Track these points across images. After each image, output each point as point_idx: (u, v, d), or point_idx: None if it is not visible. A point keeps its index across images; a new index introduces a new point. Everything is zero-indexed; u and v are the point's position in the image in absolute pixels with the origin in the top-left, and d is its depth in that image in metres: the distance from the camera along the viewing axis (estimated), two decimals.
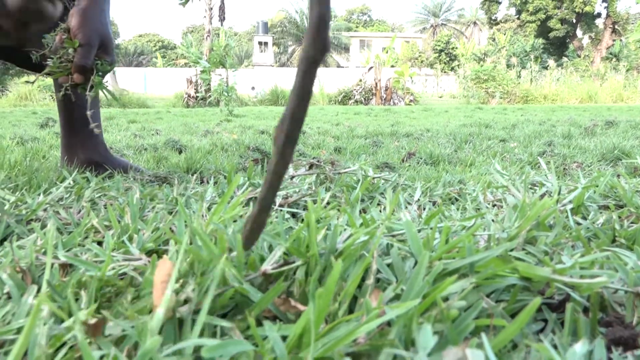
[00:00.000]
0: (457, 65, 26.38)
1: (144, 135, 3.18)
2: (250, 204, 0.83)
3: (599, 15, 29.73)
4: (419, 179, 1.30)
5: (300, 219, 0.88)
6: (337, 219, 0.70)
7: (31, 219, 0.86)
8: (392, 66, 19.15)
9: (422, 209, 1.03)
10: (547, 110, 8.34)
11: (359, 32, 42.58)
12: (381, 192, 1.12)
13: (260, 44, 33.37)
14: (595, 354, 0.39)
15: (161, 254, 0.61)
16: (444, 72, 26.16)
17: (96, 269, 0.54)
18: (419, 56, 30.36)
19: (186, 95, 13.23)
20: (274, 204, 0.86)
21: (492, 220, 0.76)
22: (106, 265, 0.55)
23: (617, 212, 0.85)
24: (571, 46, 28.68)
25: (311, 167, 1.00)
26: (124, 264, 0.59)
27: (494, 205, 1.04)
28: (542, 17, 28.47)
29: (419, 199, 1.08)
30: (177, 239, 0.52)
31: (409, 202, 1.07)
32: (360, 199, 1.00)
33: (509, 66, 18.51)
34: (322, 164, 0.97)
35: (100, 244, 0.76)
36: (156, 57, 35.24)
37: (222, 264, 0.47)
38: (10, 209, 0.87)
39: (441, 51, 30.53)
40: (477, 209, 1.01)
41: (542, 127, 3.61)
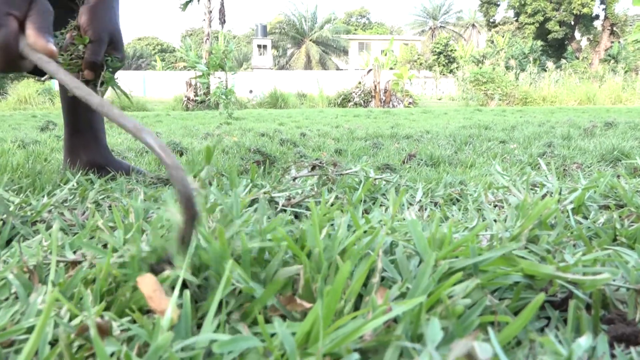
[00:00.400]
0: (456, 67, 26.43)
1: None
2: (254, 205, 0.84)
3: (597, 17, 29.81)
4: (420, 180, 1.30)
5: (304, 220, 0.89)
6: (341, 219, 0.71)
7: (36, 221, 0.86)
8: (391, 68, 19.19)
9: (424, 209, 1.04)
10: (546, 111, 8.36)
11: (357, 34, 42.67)
12: (383, 193, 1.13)
13: (259, 47, 33.42)
14: (598, 350, 0.40)
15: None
16: (443, 74, 26.19)
17: (104, 254, 0.54)
18: (418, 58, 30.42)
19: (185, 98, 13.24)
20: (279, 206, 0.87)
21: (495, 220, 0.76)
22: (109, 253, 0.55)
23: (617, 212, 0.86)
24: (569, 48, 28.74)
25: (313, 168, 1.01)
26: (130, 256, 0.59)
27: (495, 205, 1.04)
28: (541, 19, 28.55)
29: (420, 200, 1.08)
30: (201, 231, 0.53)
31: (411, 203, 1.07)
32: (362, 200, 1.01)
33: (507, 68, 18.55)
34: (324, 165, 0.98)
35: (105, 247, 0.77)
36: (155, 61, 35.28)
37: (229, 265, 0.48)
38: (15, 210, 0.87)
39: (440, 53, 30.59)
40: (478, 210, 1.02)
41: (542, 129, 3.62)
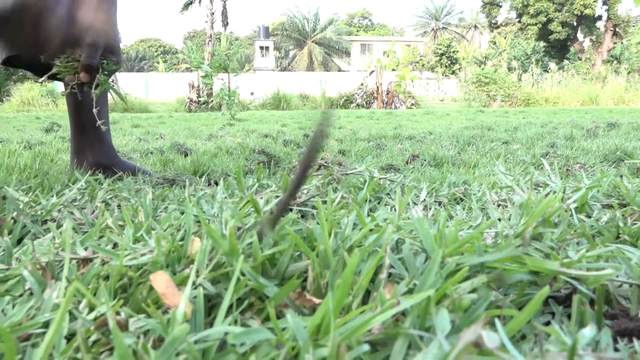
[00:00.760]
0: (458, 68, 26.42)
1: (148, 139, 3.21)
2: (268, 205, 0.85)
3: (600, 17, 29.77)
4: (424, 180, 1.31)
5: (310, 219, 0.90)
6: (347, 218, 0.72)
7: (46, 219, 0.87)
8: (393, 70, 19.21)
9: (428, 208, 1.05)
10: (549, 112, 8.35)
11: (360, 36, 42.68)
12: (387, 193, 1.14)
13: (261, 48, 33.46)
14: (602, 342, 0.41)
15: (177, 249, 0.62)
16: (445, 75, 26.19)
17: (117, 257, 0.55)
18: (420, 60, 30.42)
19: (188, 99, 13.27)
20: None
21: (499, 218, 0.77)
22: (122, 255, 0.57)
23: (620, 211, 0.87)
24: (572, 49, 28.71)
25: (319, 168, 1.02)
26: (141, 255, 0.60)
27: (498, 205, 1.05)
28: (543, 19, 28.53)
29: (424, 199, 1.09)
30: (211, 230, 0.54)
31: (415, 202, 1.08)
32: (367, 200, 1.02)
33: (510, 69, 18.54)
34: (329, 165, 0.99)
35: (114, 246, 0.78)
36: (158, 62, 35.36)
37: (240, 264, 0.49)
38: (25, 209, 0.89)
39: (442, 55, 30.58)
40: (482, 209, 1.03)
41: (544, 129, 3.62)
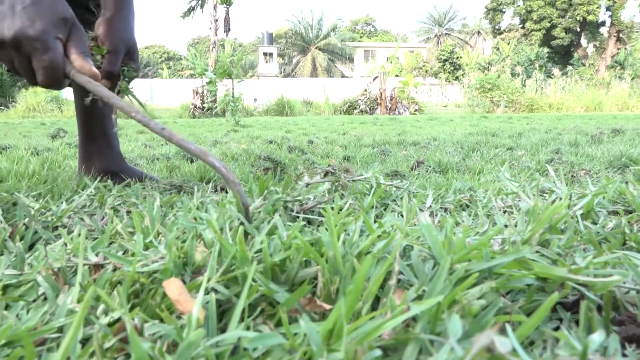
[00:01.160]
0: (462, 74, 26.45)
1: (154, 145, 3.23)
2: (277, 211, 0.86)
3: (603, 23, 29.81)
4: (429, 187, 1.32)
5: (317, 225, 0.91)
6: (355, 224, 0.72)
7: (57, 226, 0.88)
8: (396, 76, 19.25)
9: (434, 215, 1.06)
10: (553, 118, 8.35)
11: (363, 42, 42.83)
12: (393, 199, 1.15)
13: (265, 54, 33.62)
14: (610, 348, 0.41)
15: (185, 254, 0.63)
16: (449, 81, 26.21)
17: (129, 264, 0.56)
18: (424, 66, 30.48)
19: (192, 106, 13.34)
20: (293, 211, 0.89)
21: (505, 225, 0.78)
22: (134, 262, 0.58)
23: (626, 217, 0.87)
24: (576, 55, 28.72)
25: (326, 174, 1.03)
26: (152, 261, 0.61)
27: (504, 211, 1.06)
28: (547, 25, 28.59)
29: (430, 206, 1.10)
30: (221, 238, 0.54)
31: (421, 209, 1.09)
32: (373, 206, 1.03)
33: (513, 75, 18.55)
34: (336, 171, 1.00)
35: (125, 252, 0.79)
36: (162, 69, 35.56)
37: (253, 270, 0.50)
38: (36, 216, 0.90)
39: (445, 61, 30.64)
40: (488, 215, 1.03)
41: (549, 136, 3.62)
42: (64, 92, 15.52)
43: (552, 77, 17.37)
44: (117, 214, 0.97)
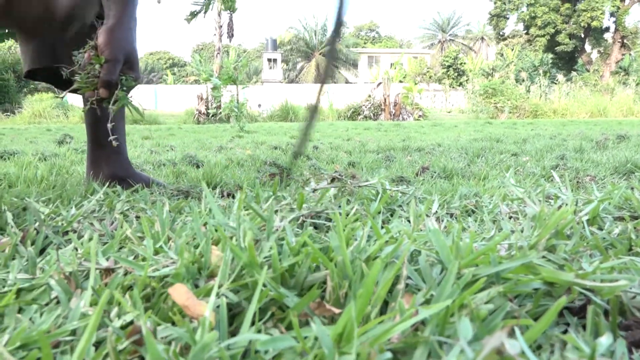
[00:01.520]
0: (466, 80, 26.48)
1: (159, 151, 3.24)
2: (278, 214, 0.87)
3: (608, 29, 29.80)
4: (435, 192, 1.33)
5: (324, 230, 0.91)
6: (363, 230, 0.73)
7: (67, 230, 0.89)
8: (400, 82, 19.28)
9: (440, 220, 1.06)
10: (557, 124, 8.34)
11: (367, 48, 42.93)
12: (399, 205, 1.15)
13: (269, 60, 33.75)
14: (617, 352, 0.41)
15: (197, 259, 0.64)
16: (452, 87, 26.24)
17: (141, 268, 0.57)
18: (427, 72, 30.52)
19: (197, 111, 13.39)
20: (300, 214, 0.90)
21: (512, 230, 0.78)
22: (146, 266, 0.59)
23: (632, 223, 0.87)
24: (580, 60, 28.69)
25: (333, 180, 1.04)
26: (162, 266, 0.62)
27: (510, 217, 1.06)
28: (551, 31, 28.60)
29: (436, 211, 1.11)
30: (231, 243, 0.55)
31: (427, 214, 1.09)
32: (380, 212, 1.04)
33: (517, 81, 18.56)
34: (343, 177, 1.01)
35: (135, 257, 0.80)
36: (166, 75, 35.73)
37: (264, 275, 0.50)
38: (46, 220, 0.91)
39: (449, 67, 30.68)
40: (494, 221, 1.04)
41: (553, 141, 3.62)
42: (70, 98, 15.62)
43: (556, 83, 17.35)
44: (126, 219, 0.98)
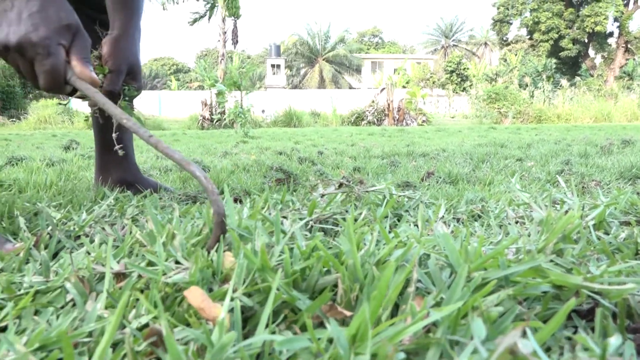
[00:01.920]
0: (469, 85, 26.49)
1: (165, 156, 3.26)
2: (288, 220, 0.88)
3: (611, 34, 29.78)
4: (441, 197, 1.34)
5: (332, 235, 0.92)
6: (372, 234, 0.74)
7: (79, 235, 0.91)
8: (403, 87, 19.32)
9: (447, 225, 1.07)
10: (562, 129, 8.33)
11: (370, 53, 43.04)
12: (406, 210, 1.16)
13: (272, 66, 33.87)
14: (626, 353, 0.42)
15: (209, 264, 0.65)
16: (456, 92, 26.26)
17: (154, 274, 0.58)
18: (431, 77, 30.55)
19: (201, 117, 13.44)
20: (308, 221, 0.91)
21: (519, 235, 0.79)
22: (160, 272, 0.60)
23: (638, 228, 0.88)
24: (584, 65, 28.68)
25: (340, 186, 1.05)
26: (175, 271, 0.63)
27: (516, 222, 1.07)
28: (555, 36, 28.60)
29: (443, 216, 1.11)
30: (245, 249, 0.56)
31: (434, 220, 1.10)
32: (387, 217, 1.05)
33: (521, 86, 18.56)
34: (350, 183, 1.02)
35: (149, 264, 0.81)
36: (171, 80, 35.90)
37: (277, 279, 0.51)
38: (59, 225, 0.92)
39: (452, 72, 30.71)
40: (500, 226, 1.05)
41: (558, 147, 3.62)
42: (75, 104, 15.73)
43: (560, 88, 17.35)
44: (136, 224, 0.99)
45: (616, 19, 28.38)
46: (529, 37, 31.38)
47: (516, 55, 27.47)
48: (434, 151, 3.41)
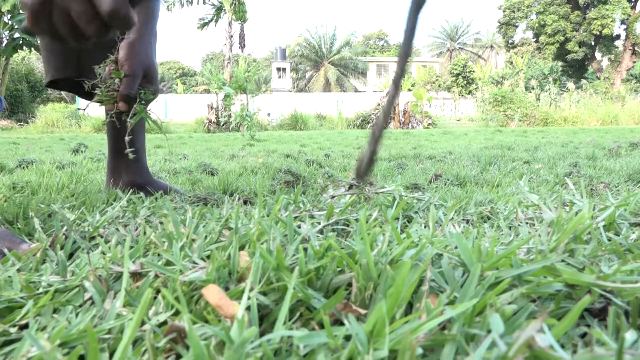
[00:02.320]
0: (475, 88, 26.45)
1: (173, 159, 3.28)
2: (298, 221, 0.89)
3: (618, 37, 29.65)
4: (450, 199, 1.34)
5: (343, 236, 0.93)
6: (384, 235, 0.75)
7: (93, 236, 0.92)
8: (409, 90, 19.31)
9: (457, 226, 1.07)
10: (569, 132, 8.31)
11: (376, 56, 43.08)
12: (415, 211, 1.17)
13: (278, 69, 33.97)
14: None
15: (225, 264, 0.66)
16: (462, 95, 26.22)
17: (172, 273, 0.59)
18: (436, 80, 30.53)
19: (207, 120, 13.49)
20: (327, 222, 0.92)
21: (530, 235, 0.79)
22: (177, 271, 0.61)
23: None
24: (590, 68, 28.57)
25: (350, 187, 1.06)
26: (191, 271, 0.64)
27: (526, 223, 1.07)
28: (561, 39, 28.51)
29: (452, 217, 1.12)
30: (261, 249, 0.57)
31: (446, 223, 1.11)
32: (397, 218, 1.05)
33: (527, 88, 18.52)
34: (360, 184, 1.03)
35: (167, 264, 0.82)
36: (177, 84, 36.06)
37: (294, 279, 0.52)
38: (74, 226, 0.94)
39: (458, 75, 30.67)
40: (510, 227, 1.05)
41: (565, 149, 3.62)
42: (81, 104, 15.83)
43: (566, 91, 17.29)
44: (149, 225, 1.00)
45: (623, 22, 28.27)
46: (535, 39, 31.31)
47: (522, 58, 27.40)
48: (440, 154, 3.41)
